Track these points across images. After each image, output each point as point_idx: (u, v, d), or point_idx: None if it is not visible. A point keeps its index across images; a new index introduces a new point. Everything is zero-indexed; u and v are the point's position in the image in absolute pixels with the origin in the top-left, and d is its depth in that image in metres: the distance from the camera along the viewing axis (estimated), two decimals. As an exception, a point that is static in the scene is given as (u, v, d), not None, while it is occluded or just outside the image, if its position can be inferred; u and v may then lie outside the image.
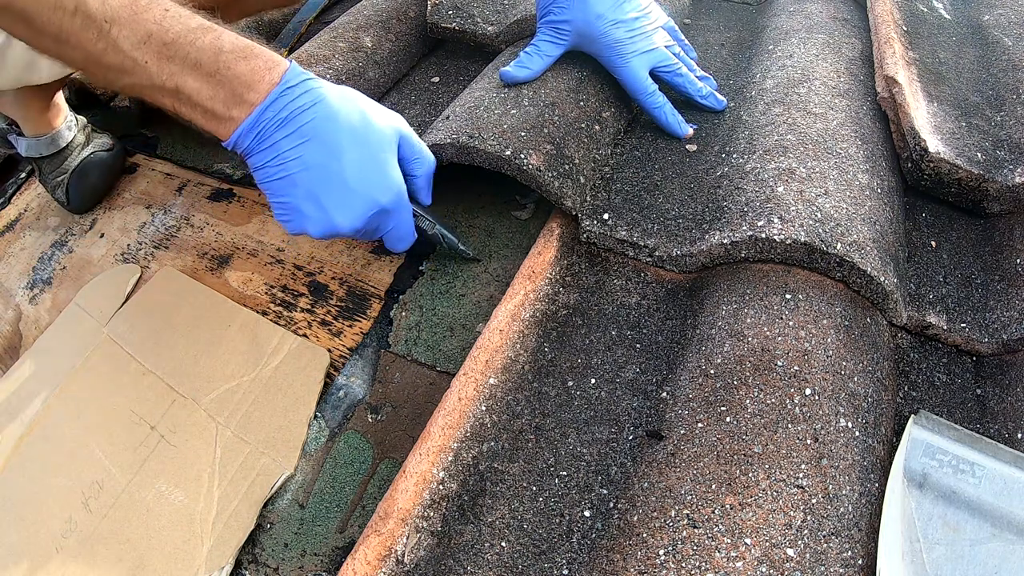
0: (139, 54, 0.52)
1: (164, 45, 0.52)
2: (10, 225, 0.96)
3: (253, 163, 0.56)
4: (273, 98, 0.54)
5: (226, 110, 0.54)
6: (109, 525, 0.60)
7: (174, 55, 0.52)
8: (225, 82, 0.53)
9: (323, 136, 0.55)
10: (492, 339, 0.58)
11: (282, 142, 0.54)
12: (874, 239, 0.59)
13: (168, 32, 0.52)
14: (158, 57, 0.52)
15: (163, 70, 0.53)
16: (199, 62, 0.53)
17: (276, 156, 0.55)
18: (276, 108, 0.54)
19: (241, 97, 0.54)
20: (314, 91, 0.55)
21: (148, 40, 0.52)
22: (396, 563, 0.47)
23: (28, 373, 0.75)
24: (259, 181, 0.57)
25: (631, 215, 0.68)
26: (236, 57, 0.53)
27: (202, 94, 0.54)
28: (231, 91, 0.53)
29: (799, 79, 0.75)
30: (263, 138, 0.54)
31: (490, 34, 0.90)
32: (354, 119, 0.56)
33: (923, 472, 0.50)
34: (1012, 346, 0.58)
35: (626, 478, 0.52)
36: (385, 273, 0.75)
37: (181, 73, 0.53)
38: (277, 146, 0.54)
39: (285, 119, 0.54)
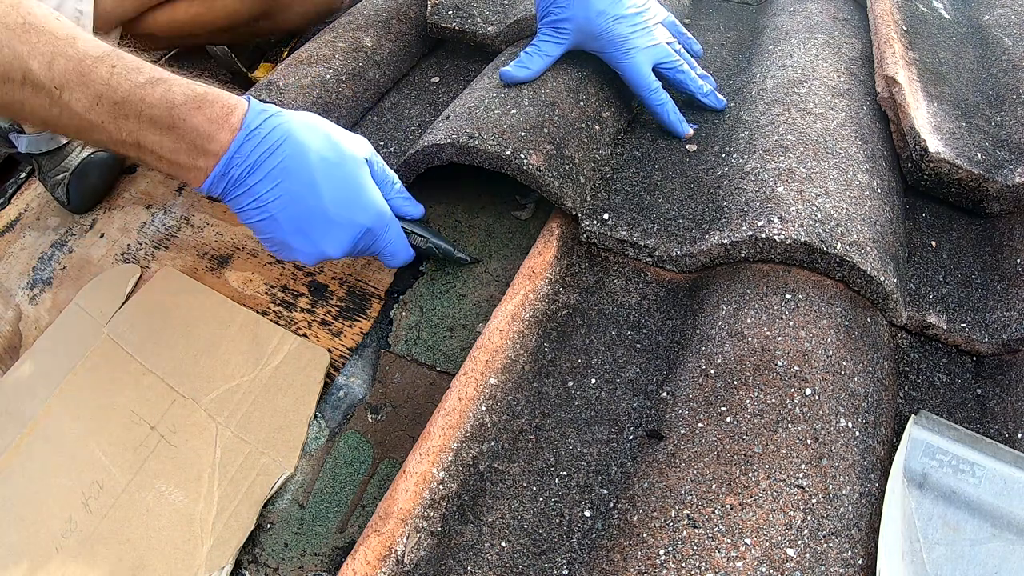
0: (94, 116, 0.51)
1: (115, 105, 0.51)
2: (10, 225, 0.96)
3: (233, 206, 0.57)
4: (237, 145, 0.53)
5: (191, 161, 0.54)
6: (109, 525, 0.60)
7: (128, 114, 0.52)
8: (184, 135, 0.53)
9: (296, 173, 0.55)
10: (492, 339, 0.58)
11: (256, 187, 0.55)
12: (874, 239, 0.59)
13: (117, 91, 0.51)
14: (113, 116, 0.52)
15: (121, 128, 0.52)
16: (153, 118, 0.52)
17: (254, 200, 0.55)
18: (243, 155, 0.54)
19: (203, 148, 0.53)
20: (278, 128, 0.55)
21: (99, 101, 0.51)
22: (396, 563, 0.47)
23: (28, 373, 0.75)
24: (242, 221, 0.58)
25: (631, 215, 0.68)
26: (190, 109, 0.52)
27: (164, 147, 0.53)
28: (191, 144, 0.53)
29: (799, 79, 0.75)
30: (237, 185, 0.55)
31: (490, 34, 0.90)
32: (323, 149, 0.57)
33: (923, 472, 0.50)
34: (1012, 346, 0.58)
35: (626, 478, 0.52)
36: (385, 273, 0.75)
37: (139, 130, 0.52)
38: (253, 191, 0.55)
39: (254, 164, 0.54)
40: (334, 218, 0.57)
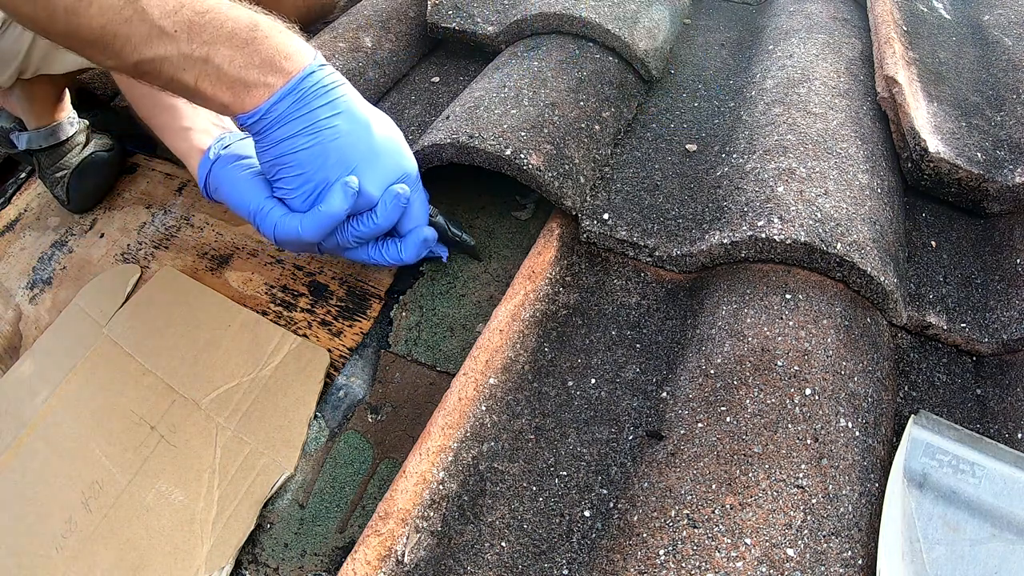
0: (169, 23, 0.51)
1: (198, 14, 0.52)
2: (10, 225, 0.96)
3: (281, 134, 0.56)
4: (312, 69, 0.56)
5: (261, 77, 0.55)
6: (109, 525, 0.60)
7: (207, 24, 0.52)
8: (262, 50, 0.54)
9: (355, 110, 0.58)
10: (492, 339, 0.58)
11: (319, 111, 0.56)
12: (874, 239, 0.59)
13: (204, 2, 0.53)
14: (189, 26, 0.52)
15: (194, 38, 0.52)
16: (235, 31, 0.53)
17: (311, 124, 0.56)
18: (314, 79, 0.56)
19: (279, 66, 0.55)
20: (338, 75, 0.59)
21: (181, 9, 0.52)
22: (396, 563, 0.47)
23: (28, 373, 0.75)
24: (282, 153, 0.57)
25: (631, 215, 0.68)
26: (273, 29, 0.55)
27: (235, 62, 0.54)
28: (267, 59, 0.54)
29: (799, 79, 0.75)
30: (300, 105, 0.56)
31: (490, 34, 0.90)
32: (371, 106, 0.61)
33: (923, 472, 0.50)
34: (1012, 346, 0.58)
35: (626, 478, 0.52)
36: (385, 273, 0.75)
37: (213, 42, 0.53)
38: (314, 114, 0.56)
39: (321, 90, 0.56)
40: (382, 154, 0.59)
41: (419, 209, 0.64)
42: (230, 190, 0.62)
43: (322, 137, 0.56)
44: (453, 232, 0.70)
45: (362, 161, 0.58)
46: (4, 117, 0.92)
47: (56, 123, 0.89)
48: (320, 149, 0.56)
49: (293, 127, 0.56)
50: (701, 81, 0.86)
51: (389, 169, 0.60)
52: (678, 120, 0.80)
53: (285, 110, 0.55)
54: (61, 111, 0.90)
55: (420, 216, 0.65)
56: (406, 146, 0.63)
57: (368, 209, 0.61)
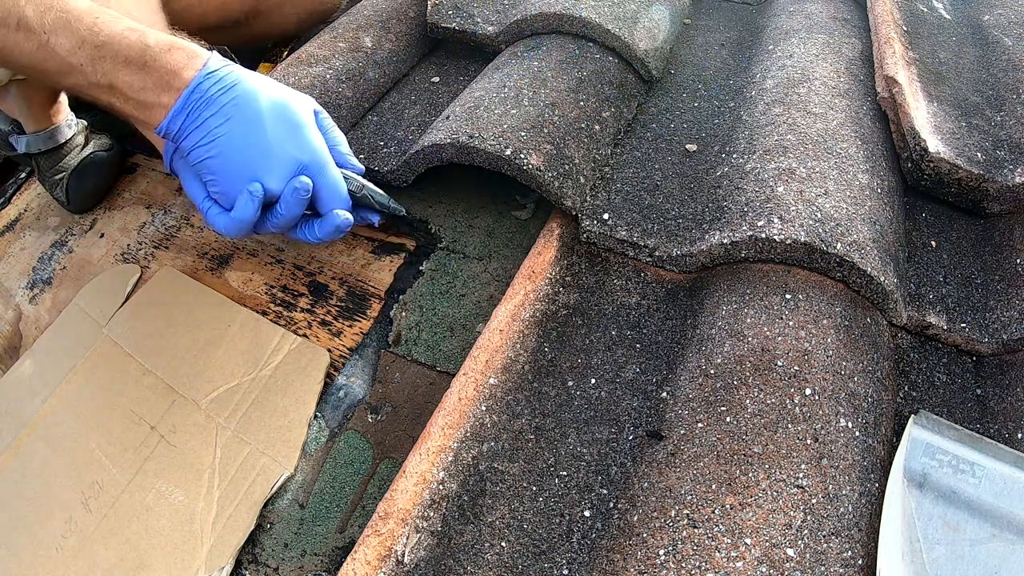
0: (74, 59, 0.58)
1: (96, 47, 0.58)
2: (10, 225, 0.96)
3: (186, 145, 0.61)
4: (198, 82, 0.60)
5: (156, 97, 0.60)
6: (109, 525, 0.60)
7: (105, 55, 0.58)
8: (153, 72, 0.59)
9: (244, 109, 0.61)
10: (492, 339, 0.58)
11: (210, 120, 0.60)
12: (874, 239, 0.59)
13: (99, 36, 0.58)
14: (92, 59, 0.58)
15: (97, 70, 0.59)
16: (128, 58, 0.59)
17: (206, 134, 0.60)
18: (201, 91, 0.60)
19: (169, 84, 0.59)
20: (234, 73, 0.62)
21: (82, 45, 0.58)
22: (396, 563, 0.47)
23: (28, 373, 0.75)
24: (194, 161, 0.62)
25: (631, 215, 0.68)
26: (161, 50, 0.59)
27: (134, 86, 0.59)
28: (159, 80, 0.59)
29: (799, 79, 0.75)
30: (193, 119, 0.60)
31: (490, 34, 0.90)
32: (271, 93, 0.63)
33: (923, 472, 0.50)
34: (1012, 346, 0.58)
35: (626, 478, 0.52)
36: (385, 273, 0.75)
37: (113, 70, 0.59)
38: (206, 124, 0.60)
39: (210, 99, 0.60)
40: (275, 151, 0.61)
41: (328, 192, 0.65)
42: (185, 186, 0.67)
43: (219, 147, 0.60)
44: (379, 204, 0.70)
45: (259, 160, 0.61)
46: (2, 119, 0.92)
47: (54, 126, 0.89)
48: (221, 159, 0.60)
49: (193, 139, 0.60)
50: (701, 81, 0.86)
51: (285, 163, 0.62)
52: (678, 120, 0.80)
53: (182, 124, 0.60)
54: (59, 113, 0.90)
55: (333, 198, 0.66)
56: (309, 131, 0.64)
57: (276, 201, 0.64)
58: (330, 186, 0.65)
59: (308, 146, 0.64)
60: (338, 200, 0.66)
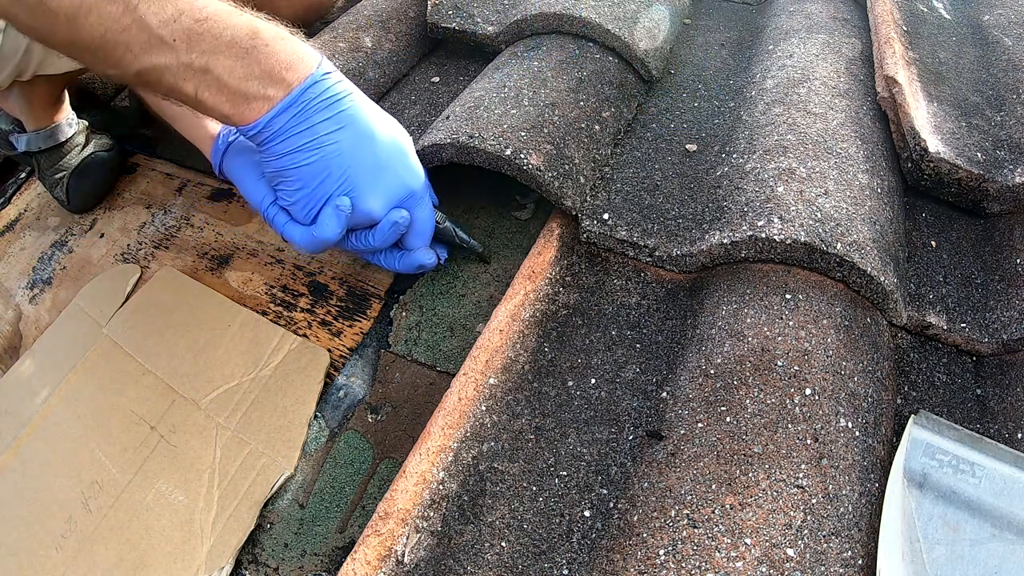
0: (167, 32, 0.49)
1: (197, 22, 0.50)
2: (10, 225, 0.96)
3: (281, 148, 0.54)
4: (314, 80, 0.53)
5: (261, 89, 0.52)
6: (109, 525, 0.60)
7: (206, 32, 0.50)
8: (262, 60, 0.52)
9: (360, 122, 0.55)
10: (492, 339, 0.58)
11: (320, 126, 0.54)
12: (874, 239, 0.59)
13: (202, 10, 0.50)
14: (188, 35, 0.50)
15: (192, 48, 0.50)
16: (235, 40, 0.51)
17: (312, 140, 0.54)
18: (316, 91, 0.53)
19: (280, 77, 0.53)
20: (345, 82, 0.56)
21: (180, 17, 0.50)
22: (396, 563, 0.47)
23: (28, 373, 0.75)
24: (283, 167, 0.55)
25: (631, 215, 0.68)
26: (274, 37, 0.53)
27: (235, 73, 0.52)
28: (268, 70, 0.52)
29: (799, 79, 0.75)
30: (300, 119, 0.53)
31: (490, 34, 0.90)
32: (382, 115, 0.58)
33: (923, 472, 0.50)
34: (1012, 346, 0.58)
35: (626, 478, 0.52)
36: (385, 273, 0.75)
37: (213, 51, 0.51)
38: (314, 129, 0.54)
39: (324, 103, 0.54)
40: (387, 170, 0.57)
41: (422, 226, 0.63)
42: (240, 184, 0.62)
43: (323, 153, 0.54)
44: (460, 239, 0.69)
45: (363, 178, 0.56)
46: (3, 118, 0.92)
47: (55, 125, 0.89)
48: (321, 165, 0.55)
49: (294, 142, 0.54)
50: (701, 81, 0.86)
51: (392, 186, 0.58)
52: (678, 120, 0.80)
53: (285, 124, 0.53)
54: (60, 112, 0.90)
55: (423, 233, 0.63)
56: (414, 158, 0.61)
57: (370, 225, 0.60)
58: (425, 220, 0.62)
59: (417, 173, 0.60)
60: (428, 235, 0.63)
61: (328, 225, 0.56)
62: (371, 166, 0.56)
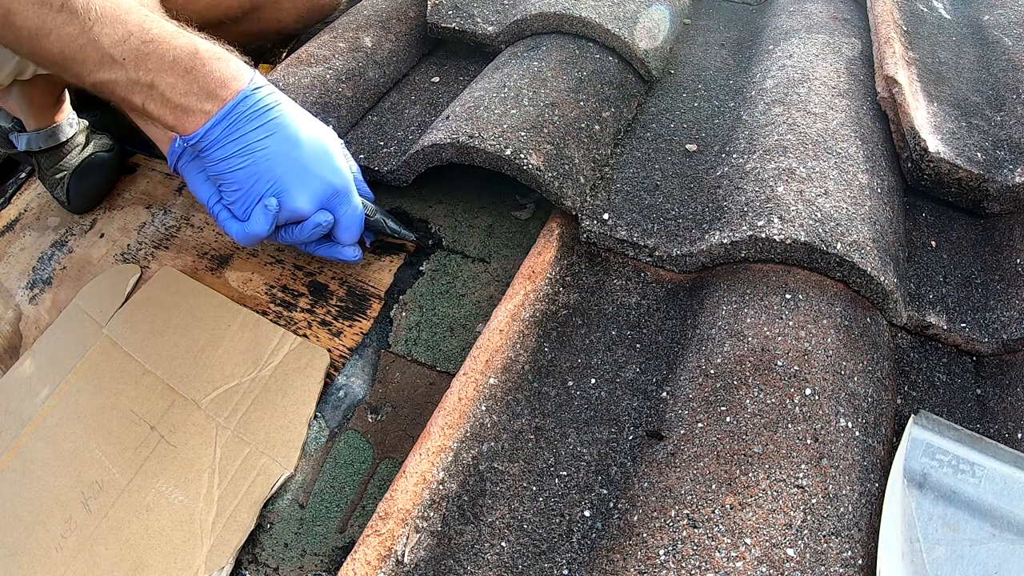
0: (118, 51, 0.56)
1: (144, 43, 0.57)
2: (10, 225, 0.96)
3: (218, 155, 0.61)
4: (244, 95, 0.60)
5: (199, 104, 0.59)
6: (109, 525, 0.60)
7: (152, 52, 0.57)
8: (200, 78, 0.59)
9: (287, 129, 0.62)
10: (492, 339, 0.58)
11: (250, 134, 0.61)
12: (874, 239, 0.59)
13: (148, 32, 0.57)
14: (136, 55, 0.57)
15: (140, 66, 0.57)
16: (176, 59, 0.58)
17: (244, 147, 0.61)
18: (247, 104, 0.60)
19: (214, 93, 0.59)
20: (275, 95, 0.63)
21: (129, 38, 0.57)
22: (396, 563, 0.47)
23: (28, 373, 0.75)
24: (220, 172, 0.62)
25: (631, 215, 0.68)
26: (211, 57, 0.59)
27: (176, 89, 0.58)
28: (205, 86, 0.59)
29: (799, 79, 0.75)
30: (232, 130, 0.60)
31: (490, 34, 0.90)
32: (308, 121, 0.64)
33: (923, 472, 0.50)
34: (1012, 346, 0.58)
35: (626, 478, 0.52)
36: (385, 273, 0.75)
37: (158, 70, 0.58)
38: (245, 138, 0.60)
39: (254, 113, 0.61)
40: (312, 171, 0.63)
41: (348, 223, 0.68)
42: (190, 184, 0.68)
43: (254, 159, 0.61)
44: (391, 230, 0.72)
45: (291, 179, 0.62)
46: (3, 117, 0.92)
47: (55, 125, 0.89)
48: (253, 170, 0.61)
49: (228, 149, 0.60)
50: (701, 81, 0.86)
51: (317, 186, 0.64)
52: (678, 120, 0.80)
53: (220, 134, 0.60)
54: (60, 112, 0.90)
55: (349, 228, 0.68)
56: (340, 159, 0.66)
57: (299, 221, 0.65)
58: (350, 216, 0.67)
59: (341, 173, 0.66)
60: (356, 229, 0.69)
61: (258, 221, 0.63)
62: (297, 169, 0.62)
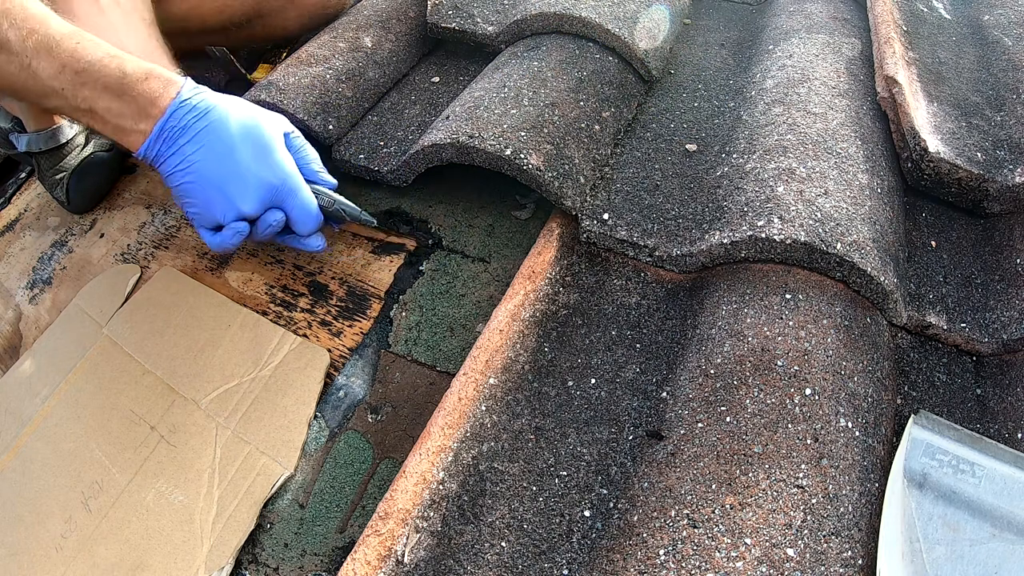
0: (56, 83, 0.60)
1: (76, 73, 0.60)
2: (10, 225, 0.96)
3: (164, 170, 0.64)
4: (172, 110, 0.62)
5: (134, 124, 0.62)
6: (109, 525, 0.60)
7: (86, 81, 0.60)
8: (131, 100, 0.61)
9: (217, 135, 0.63)
10: (492, 339, 0.58)
11: (185, 147, 0.62)
12: (874, 239, 0.59)
13: (79, 62, 0.60)
14: (72, 84, 0.60)
15: (78, 95, 0.61)
16: (107, 85, 0.61)
17: (182, 160, 0.63)
18: (176, 119, 0.62)
19: (146, 112, 0.62)
20: (206, 100, 0.64)
21: (63, 71, 0.60)
22: (396, 563, 0.47)
23: (28, 373, 0.75)
24: (172, 186, 0.64)
25: (631, 215, 0.68)
26: (138, 79, 0.61)
27: (112, 112, 0.61)
28: (137, 107, 0.62)
29: (799, 79, 0.75)
30: (169, 145, 0.62)
31: (490, 34, 0.90)
32: (243, 118, 0.65)
33: (923, 472, 0.50)
34: (1012, 346, 0.58)
35: (626, 478, 0.52)
36: (385, 273, 0.75)
37: (94, 96, 0.61)
38: (182, 151, 0.62)
39: (184, 127, 0.62)
40: (247, 175, 0.64)
41: (300, 216, 0.68)
42: None
43: (195, 173, 0.63)
44: (351, 216, 0.72)
45: (234, 185, 0.64)
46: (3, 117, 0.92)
47: (56, 126, 0.89)
48: (197, 185, 0.63)
49: (170, 165, 0.63)
50: (701, 81, 0.86)
51: (258, 186, 0.64)
52: (678, 120, 0.80)
53: (159, 151, 0.62)
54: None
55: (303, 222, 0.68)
56: (281, 154, 0.66)
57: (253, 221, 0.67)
58: (301, 207, 0.68)
59: (279, 169, 0.66)
60: (310, 221, 0.69)
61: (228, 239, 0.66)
62: (236, 174, 0.64)
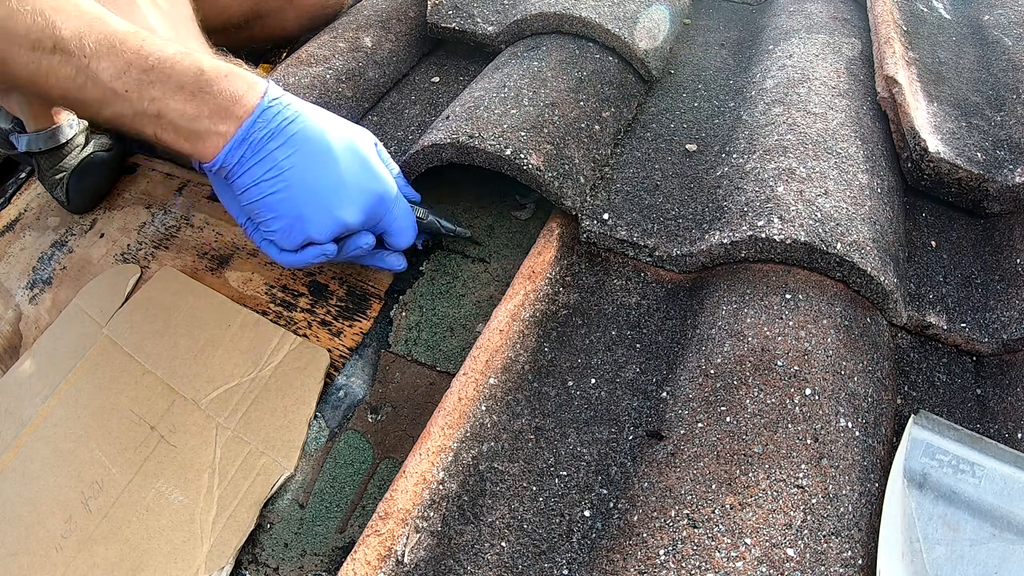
0: (119, 84, 0.52)
1: (144, 72, 0.53)
2: (10, 225, 0.96)
3: (246, 181, 0.56)
4: (261, 110, 0.55)
5: (212, 126, 0.55)
6: (109, 525, 0.60)
7: (155, 80, 0.53)
8: (209, 99, 0.54)
9: (314, 140, 0.56)
10: (492, 339, 0.58)
11: (276, 152, 0.55)
12: (874, 239, 0.59)
13: (147, 59, 0.53)
14: (139, 85, 0.53)
15: (144, 96, 0.53)
16: (182, 84, 0.54)
17: (272, 167, 0.55)
18: (265, 119, 0.55)
19: (228, 111, 0.55)
20: (294, 104, 0.58)
21: (128, 70, 0.52)
22: (396, 563, 0.47)
23: (28, 373, 0.75)
24: (252, 199, 0.57)
25: (631, 215, 0.68)
26: (218, 75, 0.55)
27: (186, 115, 0.54)
28: (216, 107, 0.54)
29: (799, 79, 0.75)
30: (257, 150, 0.55)
31: (490, 34, 0.90)
32: (336, 125, 0.59)
33: (923, 472, 0.50)
34: (1012, 346, 0.58)
35: (626, 478, 0.52)
36: (385, 273, 0.75)
37: (163, 97, 0.54)
38: (272, 156, 0.55)
39: (275, 130, 0.55)
40: (349, 183, 0.58)
41: (399, 227, 0.64)
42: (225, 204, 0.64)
43: (286, 181, 0.56)
44: (446, 228, 0.71)
45: (334, 193, 0.58)
46: (3, 118, 0.92)
47: (56, 126, 0.89)
48: (288, 194, 0.56)
49: (255, 173, 0.56)
50: (701, 81, 0.86)
51: (360, 197, 0.59)
52: (678, 120, 0.80)
53: (242, 156, 0.55)
54: (60, 113, 0.90)
55: (401, 233, 0.65)
56: (377, 162, 0.62)
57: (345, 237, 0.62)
58: (402, 219, 0.64)
59: (382, 176, 0.61)
60: (409, 233, 0.65)
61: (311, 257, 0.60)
62: (335, 182, 0.57)
